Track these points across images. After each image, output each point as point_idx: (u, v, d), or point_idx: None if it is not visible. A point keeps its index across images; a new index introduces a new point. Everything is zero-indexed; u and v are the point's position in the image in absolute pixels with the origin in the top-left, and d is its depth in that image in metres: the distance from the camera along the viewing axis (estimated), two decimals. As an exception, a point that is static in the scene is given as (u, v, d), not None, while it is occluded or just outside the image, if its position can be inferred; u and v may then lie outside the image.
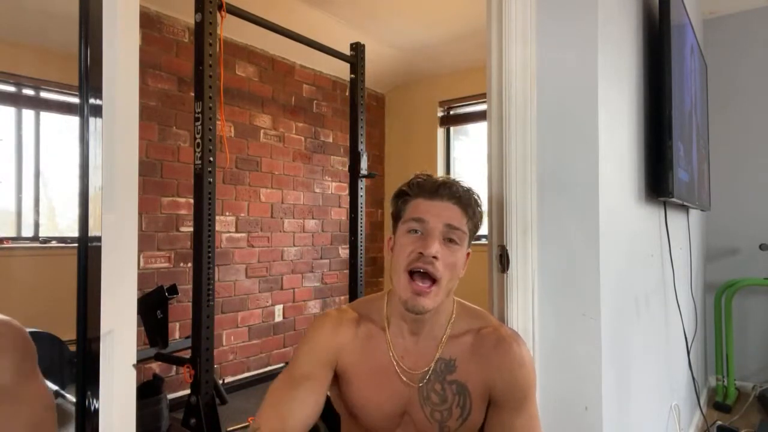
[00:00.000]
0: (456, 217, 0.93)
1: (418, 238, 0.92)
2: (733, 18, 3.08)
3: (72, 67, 0.71)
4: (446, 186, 0.95)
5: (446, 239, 0.92)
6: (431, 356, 0.97)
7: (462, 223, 0.94)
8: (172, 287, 2.51)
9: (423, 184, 0.96)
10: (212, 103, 2.22)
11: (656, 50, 1.64)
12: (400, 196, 0.99)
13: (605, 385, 1.14)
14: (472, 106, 4.14)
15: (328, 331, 0.99)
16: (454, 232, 0.93)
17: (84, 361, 0.70)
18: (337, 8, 3.08)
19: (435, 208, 0.93)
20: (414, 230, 0.93)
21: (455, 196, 0.94)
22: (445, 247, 0.92)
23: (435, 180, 0.96)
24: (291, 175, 3.66)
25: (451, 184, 0.95)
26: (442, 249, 0.91)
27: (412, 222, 0.93)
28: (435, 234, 0.91)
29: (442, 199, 0.93)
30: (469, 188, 0.98)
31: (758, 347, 2.99)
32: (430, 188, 0.95)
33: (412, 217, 0.93)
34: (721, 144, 3.02)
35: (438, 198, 0.94)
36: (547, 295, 1.18)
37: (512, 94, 1.18)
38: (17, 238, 3.09)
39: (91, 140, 0.71)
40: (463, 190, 0.96)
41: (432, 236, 0.91)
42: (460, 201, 0.95)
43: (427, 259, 0.89)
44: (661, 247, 1.82)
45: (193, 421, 2.15)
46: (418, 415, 0.96)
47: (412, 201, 0.96)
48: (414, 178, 0.99)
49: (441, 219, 0.92)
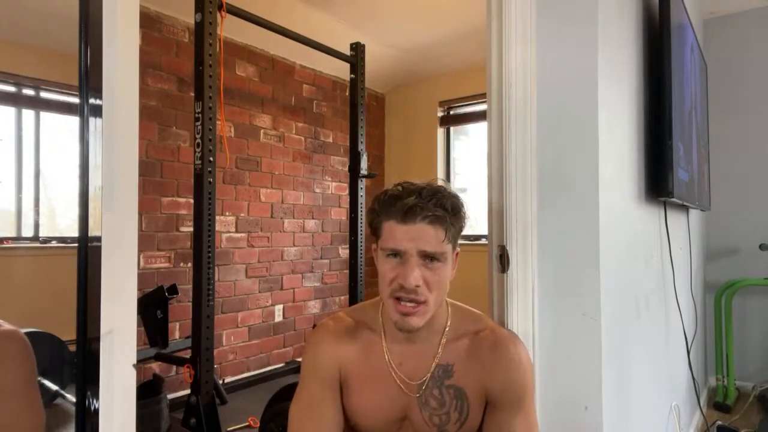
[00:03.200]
0: (432, 240, 0.88)
1: (397, 264, 0.89)
2: (733, 18, 3.08)
3: (72, 67, 0.71)
4: (418, 207, 0.87)
5: (426, 260, 0.89)
6: (429, 363, 0.97)
7: (440, 242, 0.88)
8: (172, 287, 2.51)
9: (393, 204, 0.89)
10: (212, 103, 2.22)
11: (656, 50, 1.64)
12: (373, 214, 0.94)
13: (605, 385, 1.14)
14: (472, 106, 4.14)
15: (328, 347, 0.99)
16: (432, 254, 0.89)
17: (84, 361, 0.70)
18: (337, 8, 3.08)
19: (409, 234, 0.87)
20: (393, 254, 0.89)
21: (429, 215, 0.87)
22: (426, 269, 0.89)
23: (406, 201, 0.88)
24: (291, 175, 3.66)
25: (423, 204, 0.87)
26: (423, 272, 0.88)
27: (389, 250, 0.90)
28: (413, 261, 0.87)
29: (415, 222, 0.87)
30: (444, 195, 0.90)
31: (758, 347, 2.99)
32: (401, 210, 0.88)
33: (388, 246, 0.89)
34: (721, 144, 3.02)
35: (411, 221, 0.87)
36: (547, 295, 1.18)
37: (512, 94, 1.18)
38: (17, 238, 3.09)
39: (91, 140, 0.71)
40: (437, 203, 0.88)
41: (410, 264, 0.87)
42: (436, 218, 0.88)
43: (409, 289, 0.87)
44: (661, 247, 1.82)
45: (193, 421, 2.15)
46: (417, 419, 0.96)
47: (385, 222, 0.91)
48: (384, 194, 0.92)
49: (417, 245, 0.87)
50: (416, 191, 0.89)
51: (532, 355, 1.16)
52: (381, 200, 0.92)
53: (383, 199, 0.91)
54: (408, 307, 0.88)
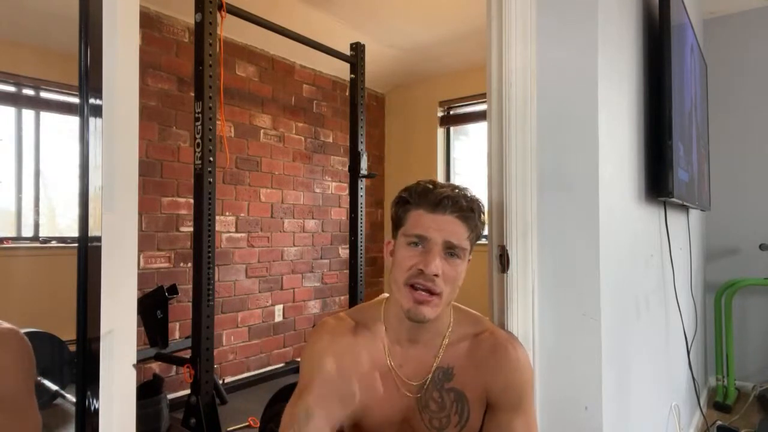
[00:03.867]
0: (459, 233, 0.90)
1: (419, 252, 0.90)
2: (733, 18, 3.08)
3: (72, 67, 0.71)
4: (450, 199, 0.90)
5: (448, 253, 0.90)
6: (429, 365, 0.97)
7: (464, 238, 0.91)
8: (172, 287, 2.51)
9: (425, 195, 0.92)
10: (212, 103, 2.22)
11: (656, 50, 1.64)
12: (400, 203, 0.95)
13: (605, 385, 1.14)
14: (472, 106, 4.14)
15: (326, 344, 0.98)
16: (456, 247, 0.90)
17: (84, 361, 0.70)
18: (337, 8, 3.08)
19: (437, 223, 0.89)
20: (415, 243, 0.90)
21: (459, 209, 0.90)
22: (446, 263, 0.90)
23: (439, 192, 0.91)
24: (291, 175, 3.66)
25: (456, 198, 0.91)
26: (443, 264, 0.89)
27: (414, 236, 0.90)
28: (436, 250, 0.89)
29: (444, 213, 0.90)
30: (472, 198, 0.94)
31: (758, 347, 2.99)
32: (433, 200, 0.90)
33: (414, 232, 0.90)
34: (721, 144, 3.02)
35: (441, 211, 0.90)
36: (547, 296, 1.18)
37: (512, 94, 1.18)
38: (17, 238, 3.10)
39: (91, 140, 0.71)
40: (467, 201, 0.92)
41: (433, 253, 0.89)
42: (464, 215, 0.91)
43: (428, 277, 0.88)
44: (661, 247, 1.82)
45: (193, 421, 2.15)
46: (416, 422, 0.96)
47: (414, 211, 0.92)
48: (416, 185, 0.94)
49: (443, 235, 0.89)
50: (448, 186, 0.92)
51: (532, 355, 1.16)
52: (413, 190, 0.93)
53: (415, 189, 0.93)
54: (424, 295, 0.88)
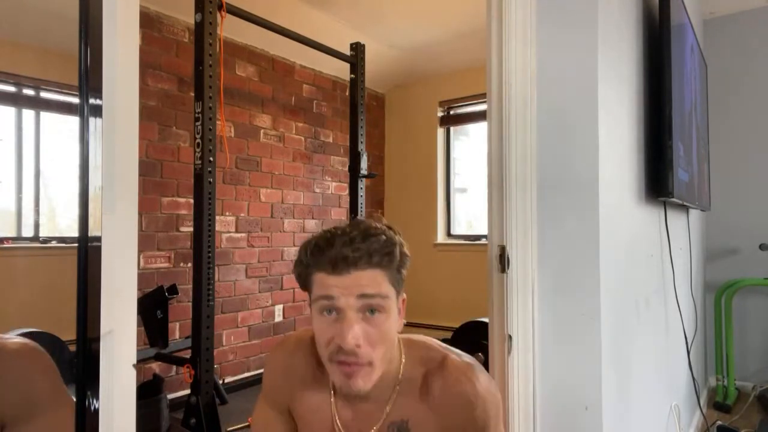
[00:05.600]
0: (371, 282, 0.77)
1: (333, 321, 0.77)
2: (733, 18, 3.08)
3: (72, 67, 0.71)
4: (349, 257, 0.76)
5: (367, 310, 0.77)
6: (380, 421, 0.87)
7: (381, 284, 0.78)
8: (172, 287, 2.51)
9: (320, 255, 0.78)
10: (212, 103, 2.22)
11: (656, 50, 1.64)
12: (300, 266, 0.83)
13: (605, 385, 1.14)
14: (472, 106, 4.14)
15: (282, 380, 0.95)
16: (372, 300, 0.77)
17: (84, 361, 0.70)
18: (337, 8, 3.08)
19: (343, 284, 0.76)
20: (328, 310, 0.78)
21: (366, 262, 0.77)
22: (367, 324, 0.77)
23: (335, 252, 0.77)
24: (291, 175, 3.66)
25: (356, 250, 0.76)
26: (364, 328, 0.77)
27: (322, 300, 0.78)
28: (350, 315, 0.76)
29: (349, 273, 0.76)
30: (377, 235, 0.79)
31: (758, 347, 2.99)
32: (330, 261, 0.77)
33: (320, 294, 0.78)
34: (721, 144, 3.02)
35: (342, 272, 0.76)
36: (547, 296, 1.18)
37: (512, 94, 1.19)
38: (17, 238, 3.09)
39: (91, 140, 0.71)
40: (375, 244, 0.78)
41: (348, 321, 0.76)
42: (371, 261, 0.77)
43: (349, 351, 0.76)
44: (661, 247, 1.82)
45: (193, 421, 2.15)
46: None
47: (316, 274, 0.80)
48: (310, 243, 0.81)
49: (352, 292, 0.76)
50: (346, 235, 0.78)
51: (532, 355, 1.16)
52: (308, 249, 0.81)
53: (309, 250, 0.80)
54: (352, 367, 0.77)
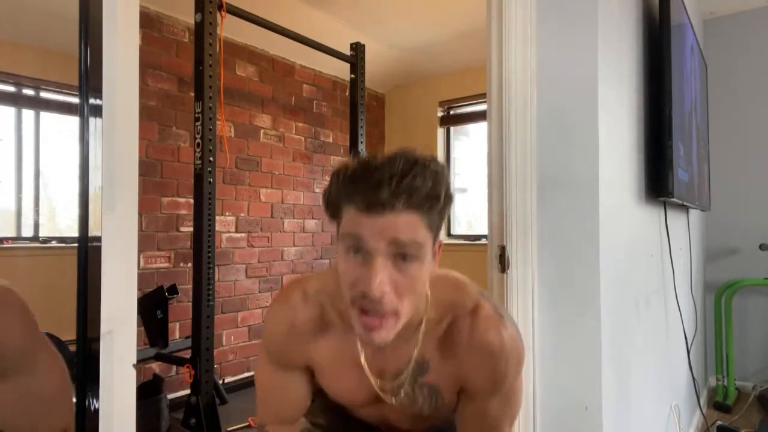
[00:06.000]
0: (406, 228, 0.67)
1: (359, 263, 0.69)
2: (733, 18, 3.08)
3: (72, 67, 0.71)
4: (382, 195, 0.65)
5: (398, 257, 0.68)
6: (404, 360, 0.85)
7: (418, 230, 0.68)
8: (172, 287, 2.51)
9: (353, 188, 0.68)
10: (212, 103, 2.22)
11: (656, 50, 1.64)
12: (327, 196, 0.73)
13: (605, 385, 1.14)
14: (472, 106, 4.14)
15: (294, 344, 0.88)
16: (406, 247, 0.68)
17: (84, 361, 0.70)
18: (337, 8, 3.08)
19: (375, 227, 0.67)
20: (354, 249, 0.69)
21: (399, 201, 0.66)
22: (396, 271, 0.68)
23: (368, 185, 0.66)
24: (291, 175, 3.66)
25: (392, 188, 0.65)
26: (393, 275, 0.68)
27: (349, 238, 0.69)
28: (378, 260, 0.67)
29: (383, 213, 0.66)
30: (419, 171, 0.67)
31: (758, 347, 2.99)
32: (363, 198, 0.67)
33: (348, 231, 0.69)
34: (721, 144, 3.02)
35: (377, 212, 0.66)
36: (547, 296, 1.18)
37: (512, 94, 1.19)
38: (17, 238, 3.09)
39: (91, 140, 0.71)
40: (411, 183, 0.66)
41: (375, 265, 0.67)
42: (410, 203, 0.66)
43: (374, 298, 0.68)
44: (661, 247, 1.82)
45: (193, 421, 2.15)
46: (389, 406, 0.91)
47: (345, 207, 0.70)
48: (344, 172, 0.70)
49: (384, 236, 0.67)
50: (385, 169, 0.66)
51: (532, 355, 1.16)
52: (340, 178, 0.70)
53: (342, 176, 0.70)
54: (374, 320, 0.70)
